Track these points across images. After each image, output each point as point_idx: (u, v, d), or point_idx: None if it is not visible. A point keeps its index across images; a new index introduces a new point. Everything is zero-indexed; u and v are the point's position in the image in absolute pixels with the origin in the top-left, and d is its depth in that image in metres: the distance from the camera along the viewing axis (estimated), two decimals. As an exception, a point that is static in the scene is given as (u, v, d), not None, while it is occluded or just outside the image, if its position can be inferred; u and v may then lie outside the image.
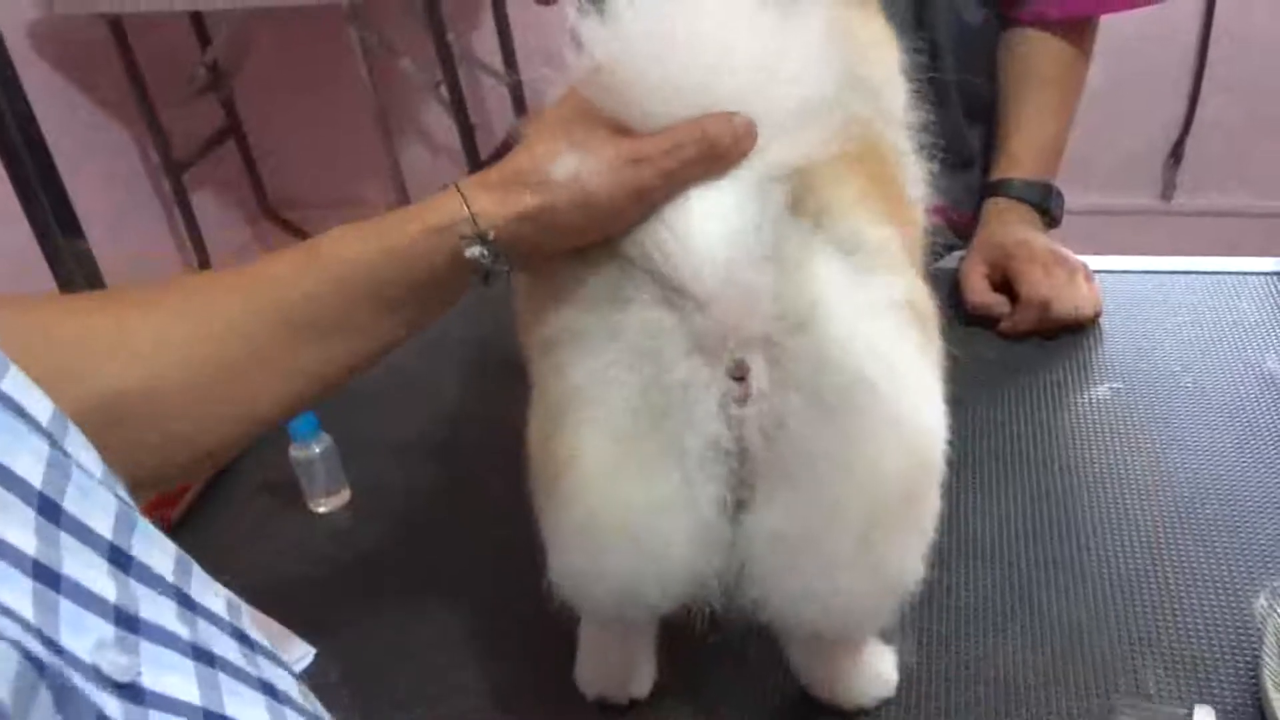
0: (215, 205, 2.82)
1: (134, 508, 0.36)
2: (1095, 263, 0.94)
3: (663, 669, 0.62)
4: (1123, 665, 0.61)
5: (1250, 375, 0.83)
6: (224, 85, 2.65)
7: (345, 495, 0.83)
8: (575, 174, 0.49)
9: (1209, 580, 0.66)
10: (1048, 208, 1.00)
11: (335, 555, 0.79)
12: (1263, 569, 0.66)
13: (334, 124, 2.71)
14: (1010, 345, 0.90)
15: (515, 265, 0.53)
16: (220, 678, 0.33)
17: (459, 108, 2.24)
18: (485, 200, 0.51)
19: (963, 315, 0.93)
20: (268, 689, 0.36)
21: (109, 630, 0.30)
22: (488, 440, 0.87)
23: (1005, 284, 0.92)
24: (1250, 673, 0.59)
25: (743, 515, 0.50)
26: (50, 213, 0.94)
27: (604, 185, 0.49)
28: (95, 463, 0.36)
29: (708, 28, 0.49)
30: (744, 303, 0.47)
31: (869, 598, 0.51)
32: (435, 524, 0.80)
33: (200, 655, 0.33)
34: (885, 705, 0.60)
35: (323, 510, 0.83)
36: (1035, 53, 1.03)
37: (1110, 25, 1.05)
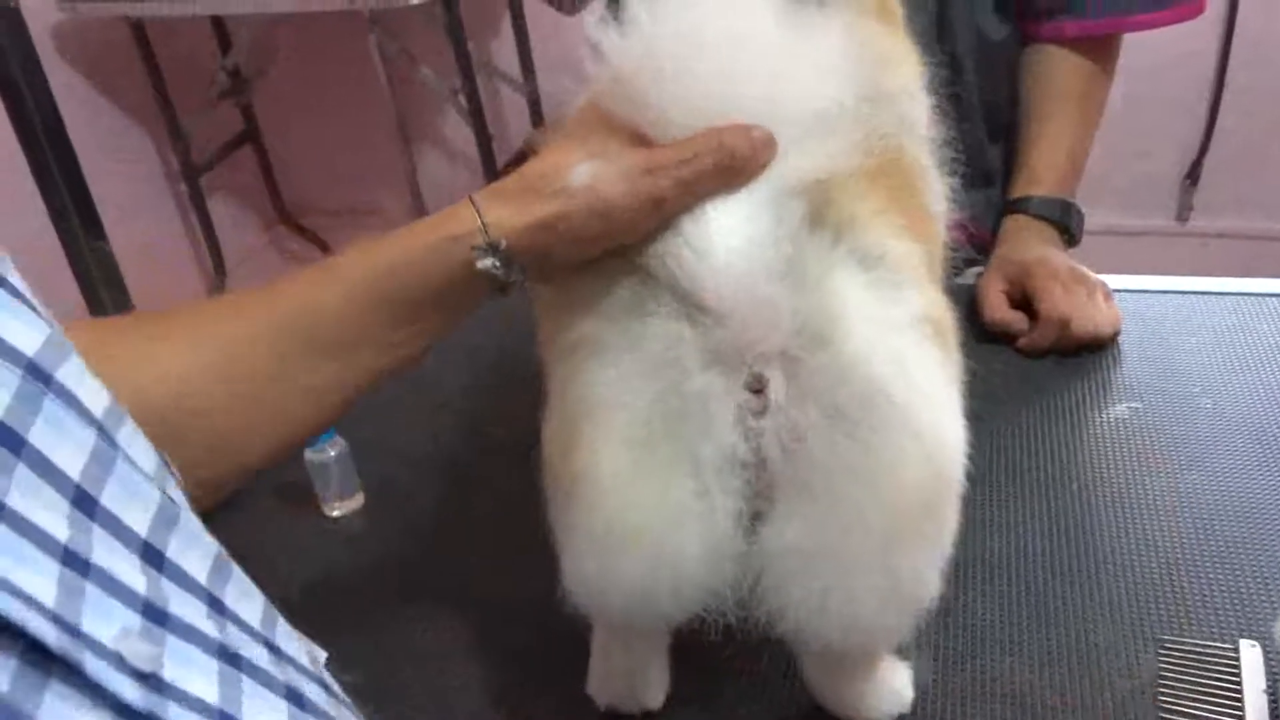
0: (232, 209, 2.83)
1: (181, 506, 0.36)
2: (1115, 282, 0.94)
3: (676, 680, 0.62)
4: (1140, 686, 0.60)
5: (1270, 397, 0.82)
6: (244, 90, 2.67)
7: (359, 499, 0.83)
8: (591, 182, 0.49)
9: (1228, 603, 0.65)
10: (1067, 225, 1.00)
11: (348, 559, 0.79)
12: (1282, 592, 0.65)
13: (352, 131, 2.73)
14: (1028, 363, 0.90)
15: (531, 274, 0.53)
16: (244, 681, 0.33)
17: (477, 116, 2.25)
18: (501, 209, 0.51)
19: (981, 332, 0.92)
20: (294, 697, 0.36)
21: (135, 620, 0.30)
22: (502, 446, 0.87)
23: (1024, 301, 0.92)
24: (1272, 697, 0.59)
25: (759, 527, 0.50)
26: (74, 212, 0.95)
27: (620, 193, 0.49)
28: (148, 457, 0.36)
29: (727, 38, 0.49)
30: (762, 317, 0.47)
31: (886, 612, 0.51)
32: (449, 529, 0.80)
33: (226, 657, 0.33)
34: (899, 721, 0.60)
35: (336, 514, 0.83)
36: (1056, 69, 1.02)
37: (1129, 46, 1.05)
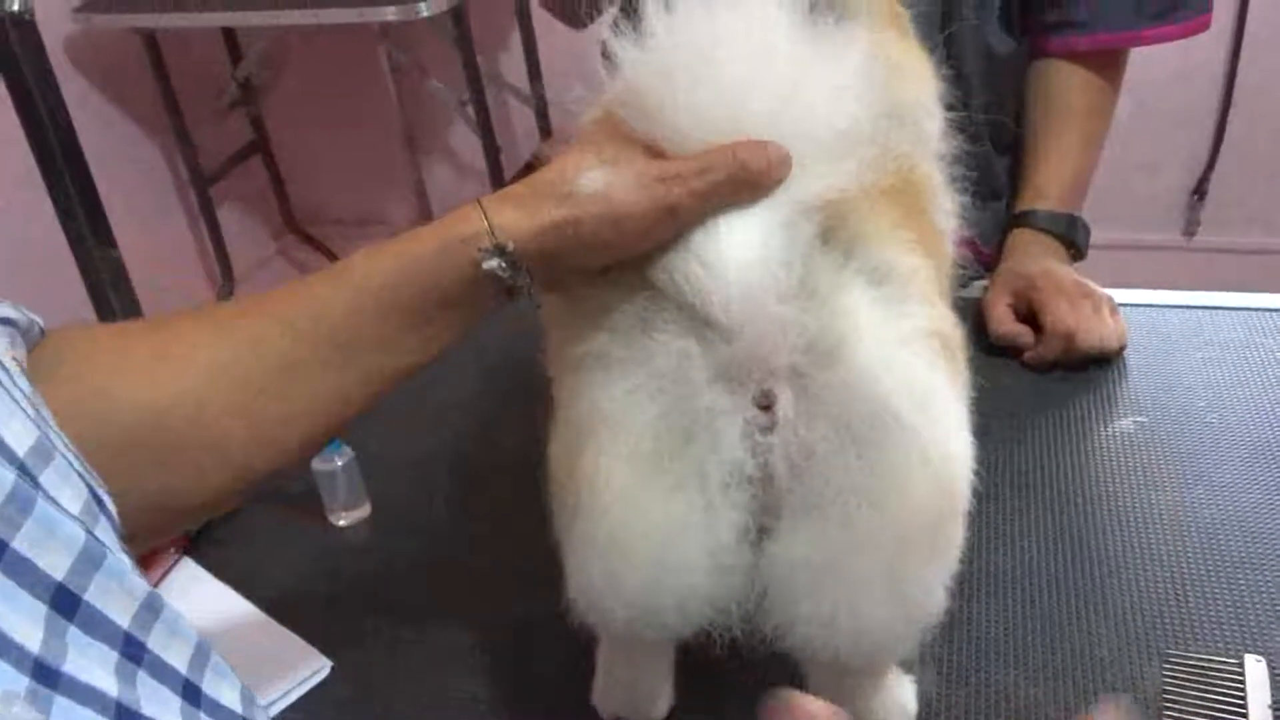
0: (241, 219, 2.84)
1: (109, 548, 0.34)
2: (1121, 296, 0.94)
3: (681, 692, 0.62)
4: (1145, 701, 0.60)
5: (1275, 412, 0.82)
6: (254, 101, 2.68)
7: (365, 509, 0.84)
8: (603, 188, 0.49)
9: (1233, 617, 0.65)
10: (1073, 239, 1.00)
11: (354, 569, 0.79)
12: (1288, 608, 0.65)
13: (361, 141, 2.74)
14: (1034, 376, 0.90)
15: (539, 281, 0.53)
16: None
17: (485, 128, 2.26)
18: (510, 213, 0.51)
19: (987, 345, 0.92)
20: None
21: (23, 682, 0.28)
22: (509, 457, 0.87)
23: (1030, 315, 0.92)
24: (1276, 712, 0.58)
25: (766, 542, 0.50)
26: (84, 219, 0.95)
27: (632, 201, 0.48)
28: (77, 499, 0.35)
29: (743, 51, 0.49)
30: (771, 335, 0.47)
31: (892, 626, 0.51)
32: (455, 539, 0.80)
33: (126, 717, 0.31)
34: (905, 736, 0.60)
35: (342, 524, 0.83)
36: (1063, 84, 1.03)
37: (1136, 61, 1.05)
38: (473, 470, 0.88)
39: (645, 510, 0.49)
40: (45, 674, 0.29)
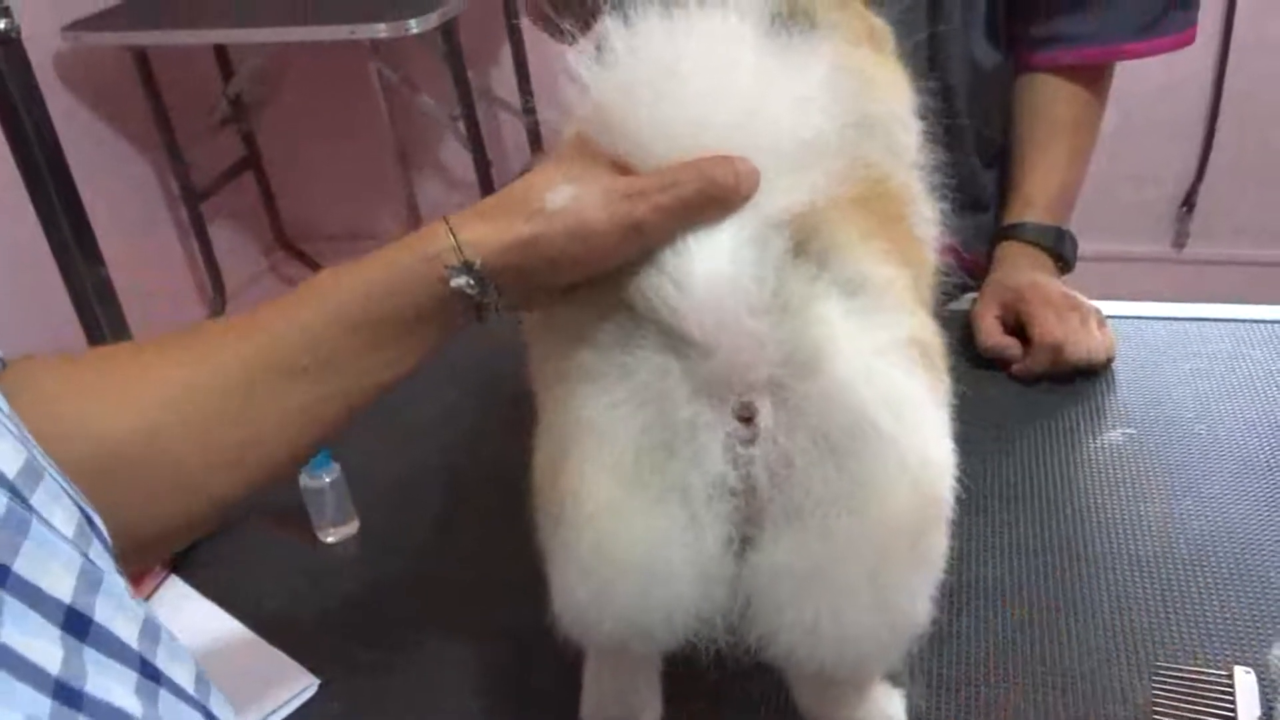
0: (233, 235, 2.84)
1: (105, 570, 0.34)
2: (1109, 308, 0.94)
3: (668, 705, 0.62)
4: (1135, 713, 0.60)
5: (1264, 423, 0.82)
6: (245, 117, 2.69)
7: (354, 526, 0.83)
8: (570, 204, 0.49)
9: (1222, 629, 0.65)
10: (1061, 252, 1.00)
11: (342, 586, 0.79)
12: (1278, 618, 0.65)
13: (352, 157, 2.74)
14: (1022, 388, 0.90)
15: (511, 298, 0.53)
16: None
17: (476, 144, 2.27)
18: (477, 228, 0.51)
19: (975, 357, 0.93)
20: None
21: (45, 705, 0.28)
22: (497, 473, 0.87)
23: (1018, 327, 0.92)
24: (1264, 724, 0.58)
25: (750, 553, 0.50)
26: (70, 236, 0.95)
27: (599, 217, 0.48)
28: (69, 521, 0.34)
29: (706, 67, 0.49)
30: (748, 349, 0.47)
31: (877, 636, 0.51)
32: (443, 556, 0.80)
33: None
34: (892, 749, 0.60)
35: (331, 540, 0.83)
36: (1050, 97, 1.03)
37: (1124, 73, 1.06)
38: (461, 486, 0.88)
39: (629, 521, 0.49)
40: (68, 695, 0.28)
